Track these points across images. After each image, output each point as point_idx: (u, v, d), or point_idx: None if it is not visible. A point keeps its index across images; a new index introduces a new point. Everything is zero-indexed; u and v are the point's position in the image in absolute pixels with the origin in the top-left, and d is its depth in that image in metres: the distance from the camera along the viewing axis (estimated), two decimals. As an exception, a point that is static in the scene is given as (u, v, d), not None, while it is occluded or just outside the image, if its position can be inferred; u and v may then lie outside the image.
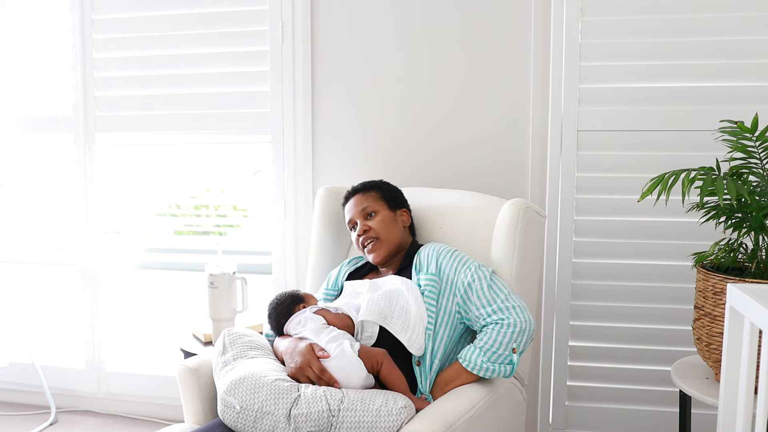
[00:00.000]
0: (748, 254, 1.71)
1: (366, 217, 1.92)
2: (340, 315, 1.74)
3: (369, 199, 1.95)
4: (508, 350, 1.64)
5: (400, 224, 1.95)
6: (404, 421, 1.47)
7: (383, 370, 1.61)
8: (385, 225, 1.90)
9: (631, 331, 2.27)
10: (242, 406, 1.49)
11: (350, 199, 1.99)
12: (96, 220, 2.76)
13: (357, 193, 1.98)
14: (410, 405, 1.51)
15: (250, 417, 1.49)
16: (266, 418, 1.48)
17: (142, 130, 2.68)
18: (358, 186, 2.01)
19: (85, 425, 2.72)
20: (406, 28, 2.39)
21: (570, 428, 2.38)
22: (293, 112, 2.50)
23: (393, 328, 1.67)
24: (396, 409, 1.47)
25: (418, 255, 1.86)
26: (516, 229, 1.85)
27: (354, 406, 1.47)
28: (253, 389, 1.50)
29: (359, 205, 1.94)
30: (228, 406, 1.51)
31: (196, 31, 2.56)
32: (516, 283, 1.85)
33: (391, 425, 1.45)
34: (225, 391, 1.53)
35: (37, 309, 2.98)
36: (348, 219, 1.97)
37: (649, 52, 2.18)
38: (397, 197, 2.00)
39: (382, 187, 2.00)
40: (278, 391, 1.50)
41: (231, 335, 1.73)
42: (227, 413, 1.52)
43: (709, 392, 1.66)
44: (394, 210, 1.96)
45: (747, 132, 1.64)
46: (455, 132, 2.38)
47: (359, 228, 1.91)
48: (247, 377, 1.53)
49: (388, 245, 1.89)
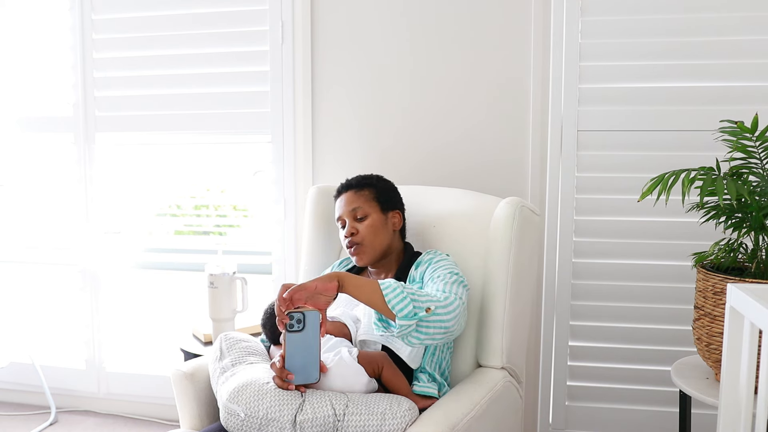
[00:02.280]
0: (748, 254, 1.71)
1: (355, 218, 1.84)
2: (336, 323, 1.73)
3: (361, 198, 1.86)
4: (424, 305, 1.51)
5: (390, 228, 1.88)
6: (408, 422, 1.47)
7: (385, 374, 1.61)
8: (373, 230, 1.83)
9: (631, 331, 2.27)
10: (246, 413, 1.47)
11: (342, 194, 1.89)
12: (96, 220, 2.76)
13: (350, 189, 1.89)
14: (414, 407, 1.51)
15: (254, 424, 1.47)
16: (271, 425, 1.46)
17: (142, 130, 2.68)
18: (353, 181, 1.91)
19: (85, 425, 2.72)
20: (406, 28, 2.39)
21: (570, 428, 2.37)
22: (293, 112, 2.50)
23: (395, 346, 1.67)
24: (401, 412, 1.47)
25: (416, 266, 1.83)
26: (512, 228, 1.85)
27: (359, 410, 1.47)
28: (257, 396, 1.48)
29: (350, 204, 1.85)
30: (231, 413, 1.50)
31: (196, 31, 2.56)
32: (513, 281, 1.85)
33: (395, 427, 1.46)
34: (228, 399, 1.51)
35: (37, 309, 2.98)
36: (337, 215, 1.89)
37: (649, 52, 2.18)
38: (390, 198, 1.91)
39: (377, 186, 1.90)
40: (282, 397, 1.48)
41: (228, 340, 1.71)
42: (231, 421, 1.50)
43: (709, 392, 1.66)
44: (386, 212, 1.87)
45: (747, 132, 1.64)
46: (454, 131, 2.38)
47: (347, 229, 1.84)
48: (250, 384, 1.51)
49: (372, 252, 1.83)
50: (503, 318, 1.84)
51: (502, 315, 1.84)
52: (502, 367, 1.84)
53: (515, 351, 1.90)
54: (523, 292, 1.93)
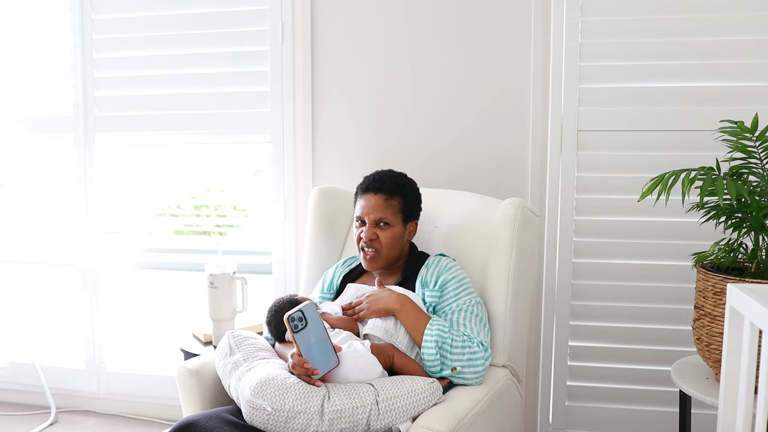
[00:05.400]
0: (748, 254, 1.71)
1: (377, 224, 1.83)
2: (342, 318, 1.74)
3: (390, 209, 1.83)
4: (453, 363, 1.65)
5: (406, 237, 1.89)
6: (438, 398, 1.57)
7: (396, 361, 1.64)
8: (392, 242, 1.83)
9: (631, 331, 2.27)
10: (273, 407, 1.49)
11: (371, 193, 1.85)
12: (96, 220, 2.76)
13: (382, 192, 1.84)
14: (436, 382, 1.59)
15: (281, 418, 1.49)
16: (298, 417, 1.48)
17: (142, 130, 2.68)
18: (386, 184, 1.85)
19: (85, 425, 2.72)
20: (406, 28, 2.38)
21: (570, 428, 2.37)
22: (293, 112, 2.50)
23: (400, 347, 1.69)
24: (427, 385, 1.56)
25: (426, 268, 1.84)
26: (513, 229, 1.87)
27: (390, 394, 1.52)
28: (282, 390, 1.50)
29: (377, 212, 1.82)
30: (257, 408, 1.50)
31: (196, 31, 2.56)
32: (514, 281, 1.86)
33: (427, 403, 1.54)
34: (252, 394, 1.51)
35: (38, 309, 2.98)
36: (359, 213, 1.86)
37: (649, 52, 2.18)
38: (415, 209, 1.90)
39: (407, 195, 1.87)
40: (307, 389, 1.51)
41: (236, 337, 1.73)
42: (256, 416, 1.51)
43: (709, 392, 1.66)
44: (406, 223, 1.87)
45: (747, 132, 1.64)
46: (454, 132, 2.38)
47: (367, 233, 1.82)
48: (273, 378, 1.53)
49: (386, 260, 1.86)
50: (505, 317, 1.86)
51: (503, 314, 1.86)
52: (503, 365, 1.86)
53: (516, 350, 1.92)
54: (524, 292, 1.94)
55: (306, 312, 1.53)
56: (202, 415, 1.54)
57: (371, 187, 1.86)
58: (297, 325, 1.52)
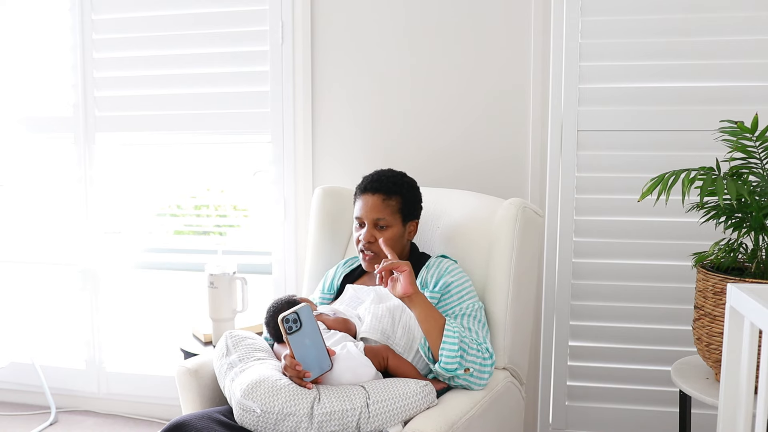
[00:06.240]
0: (748, 254, 1.71)
1: (376, 226, 1.82)
2: (339, 319, 1.74)
3: (388, 209, 1.82)
4: (468, 363, 1.62)
5: (406, 237, 1.88)
6: (431, 402, 1.54)
7: (391, 362, 1.64)
8: (391, 242, 1.81)
9: (631, 331, 2.27)
10: (263, 409, 1.48)
11: (369, 195, 1.84)
12: (96, 220, 2.76)
13: (379, 193, 1.83)
14: (429, 384, 1.57)
15: (270, 420, 1.49)
16: (288, 420, 1.48)
17: (142, 130, 2.68)
18: (384, 183, 1.84)
19: (85, 425, 2.72)
20: (405, 28, 2.38)
21: (570, 428, 2.37)
22: (293, 112, 2.50)
23: (397, 349, 1.68)
24: (420, 388, 1.53)
25: (426, 269, 1.84)
26: (514, 229, 1.86)
27: (381, 397, 1.50)
28: (272, 392, 1.50)
29: (375, 212, 1.81)
30: (247, 410, 1.50)
31: (196, 31, 2.56)
32: (515, 282, 1.86)
33: (419, 406, 1.52)
34: (242, 396, 1.51)
35: (37, 309, 2.99)
36: (357, 214, 1.85)
37: (649, 52, 2.18)
38: (414, 209, 1.89)
39: (405, 195, 1.86)
40: (297, 391, 1.50)
41: (233, 337, 1.72)
42: (246, 417, 1.51)
43: (709, 392, 1.66)
44: (406, 223, 1.86)
45: (747, 132, 1.64)
46: (455, 132, 2.38)
47: (365, 234, 1.82)
48: (264, 380, 1.52)
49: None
50: (505, 318, 1.85)
51: (504, 315, 1.85)
52: (504, 368, 1.85)
53: (517, 352, 1.91)
54: (525, 293, 1.93)
55: (301, 314, 1.53)
56: (194, 415, 1.54)
57: (369, 188, 1.85)
58: (291, 326, 1.51)
